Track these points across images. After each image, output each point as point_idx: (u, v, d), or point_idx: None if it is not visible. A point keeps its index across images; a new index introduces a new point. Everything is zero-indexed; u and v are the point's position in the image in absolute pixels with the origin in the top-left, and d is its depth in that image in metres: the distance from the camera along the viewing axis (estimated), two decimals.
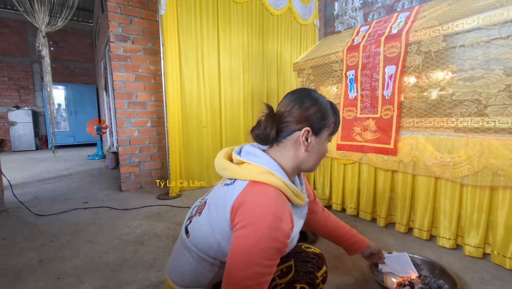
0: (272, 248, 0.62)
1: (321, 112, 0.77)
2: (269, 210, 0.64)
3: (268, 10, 3.46)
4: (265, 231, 0.62)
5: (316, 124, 0.76)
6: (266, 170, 0.71)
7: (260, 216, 0.63)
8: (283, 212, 0.66)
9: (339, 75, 2.17)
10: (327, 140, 0.82)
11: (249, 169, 0.72)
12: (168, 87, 2.68)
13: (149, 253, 1.60)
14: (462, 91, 1.50)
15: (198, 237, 0.76)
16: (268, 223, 0.62)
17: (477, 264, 1.43)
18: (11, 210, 2.38)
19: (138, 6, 2.90)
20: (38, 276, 1.38)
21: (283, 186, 0.70)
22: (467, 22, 1.43)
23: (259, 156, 0.76)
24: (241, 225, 0.64)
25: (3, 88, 7.33)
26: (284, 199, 0.70)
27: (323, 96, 0.82)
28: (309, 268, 0.88)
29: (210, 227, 0.73)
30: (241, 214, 0.66)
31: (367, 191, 2.02)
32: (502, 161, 1.32)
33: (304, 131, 0.75)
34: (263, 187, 0.68)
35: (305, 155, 0.77)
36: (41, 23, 3.08)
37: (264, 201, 0.66)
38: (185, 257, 0.79)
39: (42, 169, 4.45)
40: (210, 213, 0.75)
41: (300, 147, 0.76)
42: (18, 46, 7.44)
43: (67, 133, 7.84)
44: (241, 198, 0.68)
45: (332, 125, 0.80)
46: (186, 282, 0.79)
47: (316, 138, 0.77)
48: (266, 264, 0.63)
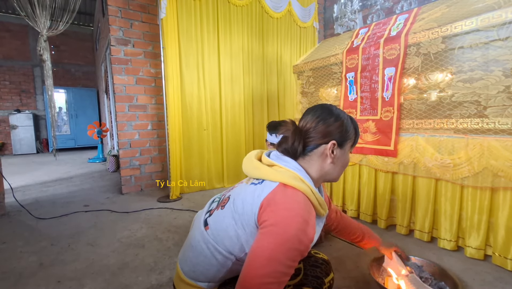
0: (297, 250, 0.65)
1: (344, 126, 0.82)
2: (298, 213, 0.67)
3: (268, 13, 3.48)
4: (294, 232, 0.64)
5: (340, 137, 0.81)
6: (297, 175, 0.75)
7: (290, 217, 0.66)
8: (310, 217, 0.69)
9: (338, 77, 2.18)
10: (350, 151, 0.86)
11: (281, 172, 0.75)
12: (169, 90, 2.69)
13: (149, 256, 1.60)
14: (462, 93, 1.51)
15: (219, 229, 0.78)
16: (297, 225, 0.65)
17: (478, 266, 1.43)
18: (12, 214, 2.38)
19: (138, 10, 2.92)
20: (39, 280, 1.38)
21: (310, 194, 0.73)
22: (466, 24, 1.44)
23: (289, 162, 0.79)
24: (270, 223, 0.67)
25: (5, 92, 7.37)
26: (311, 205, 0.73)
27: (343, 111, 0.87)
28: (318, 273, 0.89)
29: (232, 220, 0.75)
30: (271, 212, 0.68)
31: (368, 193, 2.02)
32: (502, 162, 1.32)
33: (331, 145, 0.79)
34: (294, 191, 0.71)
35: (330, 166, 0.81)
36: (43, 27, 3.09)
37: (295, 204, 0.69)
38: (201, 249, 0.80)
39: (43, 172, 4.46)
40: (234, 207, 0.76)
41: (327, 158, 0.80)
42: (20, 50, 7.48)
43: (68, 136, 7.86)
44: (272, 197, 0.70)
45: (353, 137, 0.85)
46: (198, 275, 0.80)
47: (341, 150, 0.82)
48: (289, 264, 0.64)
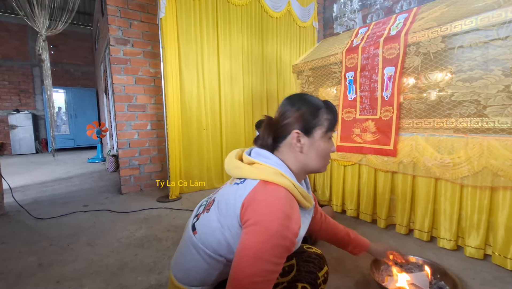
0: (282, 246, 0.64)
1: (310, 113, 0.78)
2: (279, 209, 0.66)
3: (267, 13, 3.47)
4: (276, 228, 0.64)
5: (307, 124, 0.78)
6: (277, 171, 0.74)
7: (271, 214, 0.65)
8: (293, 211, 0.68)
9: (338, 76, 2.17)
10: (326, 138, 0.81)
11: (261, 169, 0.75)
12: (168, 90, 2.69)
13: (149, 256, 1.59)
14: (461, 92, 1.50)
15: (206, 233, 0.77)
16: (279, 221, 0.64)
17: (478, 265, 1.42)
18: (11, 214, 2.38)
19: (138, 10, 2.91)
20: (38, 280, 1.38)
21: (292, 188, 0.72)
22: (466, 23, 1.44)
23: (269, 158, 0.78)
24: (252, 222, 0.66)
25: (4, 92, 7.35)
26: (293, 199, 0.72)
27: (316, 97, 0.83)
28: (311, 268, 0.88)
29: (218, 223, 0.75)
30: (252, 211, 0.67)
31: (367, 192, 2.02)
32: (502, 161, 1.32)
33: (293, 134, 0.77)
34: (275, 187, 0.71)
35: (304, 156, 0.79)
36: (42, 27, 3.09)
37: (275, 200, 0.68)
38: (191, 254, 0.79)
39: (42, 172, 4.45)
40: (219, 210, 0.76)
41: (295, 148, 0.78)
42: (19, 50, 7.47)
43: (67, 136, 7.85)
44: (252, 196, 0.70)
45: (326, 124, 0.79)
46: (191, 280, 0.80)
47: (309, 139, 0.78)
48: (275, 262, 0.64)
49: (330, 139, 0.82)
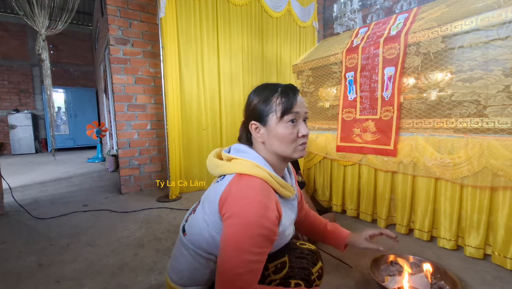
0: (260, 235, 0.65)
1: (261, 101, 0.78)
2: (255, 199, 0.67)
3: (267, 13, 3.47)
4: (252, 218, 0.64)
5: (260, 114, 0.78)
6: (253, 163, 0.75)
7: (246, 204, 0.66)
8: (269, 200, 0.69)
9: (338, 76, 2.17)
10: (283, 122, 0.76)
11: (237, 164, 0.76)
12: (168, 90, 2.69)
13: (149, 256, 1.59)
14: (461, 92, 1.51)
15: (194, 234, 0.79)
16: (254, 211, 0.65)
17: (477, 265, 1.43)
18: (10, 214, 2.37)
19: (137, 9, 2.91)
20: (38, 280, 1.38)
21: (268, 178, 0.73)
22: (466, 23, 1.44)
23: (247, 152, 0.80)
24: (228, 215, 0.67)
25: (3, 92, 7.34)
26: (269, 189, 0.73)
27: (275, 83, 0.81)
28: (304, 264, 0.87)
29: (204, 222, 0.76)
30: (228, 204, 0.69)
31: (367, 192, 2.02)
32: (502, 161, 1.32)
33: (251, 126, 0.80)
34: (249, 178, 0.72)
35: (268, 146, 0.79)
36: (41, 26, 3.08)
37: (249, 190, 0.69)
38: (183, 255, 0.82)
39: (42, 172, 4.45)
40: (203, 209, 0.78)
41: (258, 139, 0.80)
42: (18, 49, 7.46)
43: (67, 136, 7.84)
44: (228, 190, 0.71)
45: (278, 108, 0.76)
46: (184, 280, 0.82)
47: (266, 127, 0.78)
48: (256, 251, 0.65)
49: (292, 122, 0.77)
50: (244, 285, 0.64)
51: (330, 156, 2.24)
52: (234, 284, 0.64)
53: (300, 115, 0.78)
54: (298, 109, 0.77)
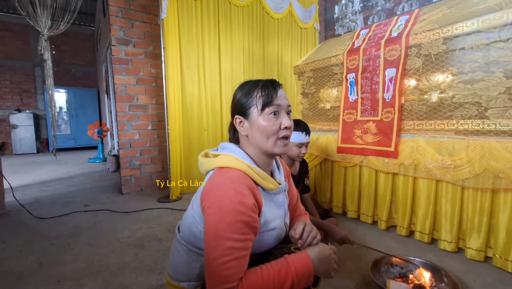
0: (240, 222, 0.65)
1: (243, 95, 0.80)
2: (230, 187, 0.68)
3: (268, 14, 3.48)
4: (228, 205, 0.65)
5: (242, 107, 0.80)
6: (232, 156, 0.77)
7: (222, 193, 0.68)
8: (245, 188, 0.70)
9: (339, 78, 2.18)
10: (265, 115, 0.77)
11: (218, 159, 0.79)
12: (169, 91, 2.69)
13: (149, 256, 1.59)
14: (463, 94, 1.50)
15: (185, 230, 0.82)
16: (230, 198, 0.66)
17: (479, 268, 1.42)
18: (11, 213, 2.38)
19: (139, 10, 2.92)
20: (39, 280, 1.38)
21: (247, 169, 0.75)
22: (467, 25, 1.44)
23: (229, 147, 0.82)
24: (207, 206, 0.69)
25: (5, 92, 7.38)
26: (246, 178, 0.74)
27: (258, 80, 0.83)
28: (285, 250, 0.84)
29: (193, 218, 0.78)
30: (207, 197, 0.71)
31: (368, 194, 2.01)
32: (503, 163, 1.32)
33: (235, 120, 0.82)
34: (227, 170, 0.74)
35: (251, 139, 0.80)
36: (43, 27, 3.10)
37: (226, 180, 0.71)
38: (177, 251, 0.85)
39: (43, 172, 4.46)
40: (192, 206, 0.81)
41: (242, 133, 0.82)
42: (20, 50, 7.50)
43: (68, 136, 7.86)
44: (208, 184, 0.74)
45: (260, 100, 0.77)
46: (179, 276, 0.85)
47: (248, 120, 0.79)
48: (238, 238, 0.65)
49: (275, 115, 0.77)
50: (230, 273, 0.63)
51: (331, 157, 2.24)
52: (220, 274, 0.63)
53: (282, 108, 0.78)
54: (280, 102, 0.78)
